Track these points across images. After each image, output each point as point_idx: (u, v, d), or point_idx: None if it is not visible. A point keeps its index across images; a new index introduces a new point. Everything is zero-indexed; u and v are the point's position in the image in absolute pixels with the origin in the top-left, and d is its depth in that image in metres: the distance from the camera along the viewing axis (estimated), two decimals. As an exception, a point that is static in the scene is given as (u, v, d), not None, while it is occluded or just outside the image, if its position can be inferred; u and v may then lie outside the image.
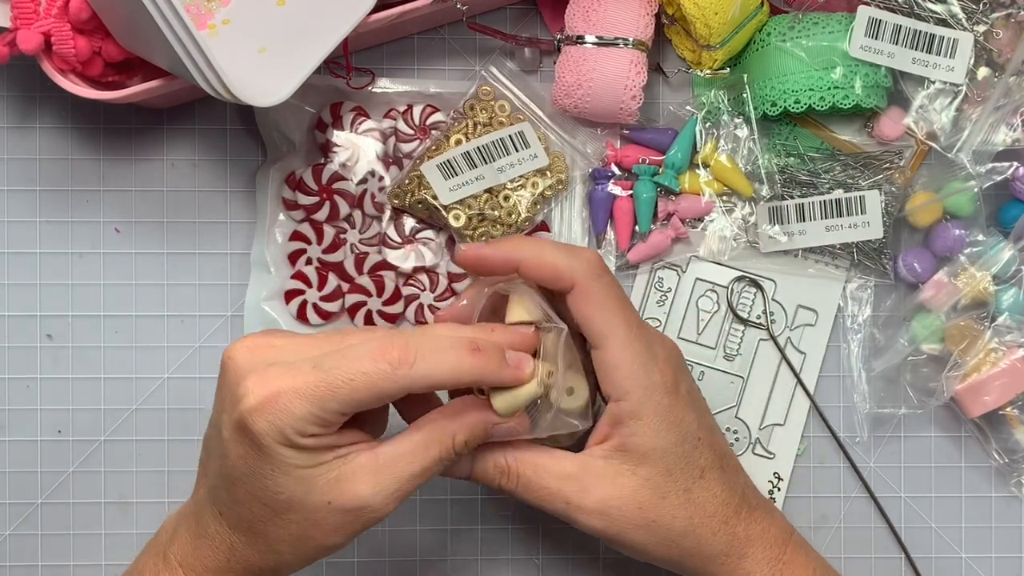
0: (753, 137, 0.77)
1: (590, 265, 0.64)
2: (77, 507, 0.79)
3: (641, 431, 0.64)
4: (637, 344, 0.64)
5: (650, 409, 0.64)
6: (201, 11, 0.74)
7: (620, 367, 0.64)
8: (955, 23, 0.75)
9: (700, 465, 0.65)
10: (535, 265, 0.64)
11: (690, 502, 0.65)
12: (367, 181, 0.78)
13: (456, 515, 0.80)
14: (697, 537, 0.65)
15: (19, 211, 0.79)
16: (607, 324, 0.64)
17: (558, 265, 0.64)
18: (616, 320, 0.64)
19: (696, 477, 0.65)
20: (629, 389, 0.64)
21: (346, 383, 0.58)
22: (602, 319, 0.64)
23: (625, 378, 0.64)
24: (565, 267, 0.64)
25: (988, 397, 0.77)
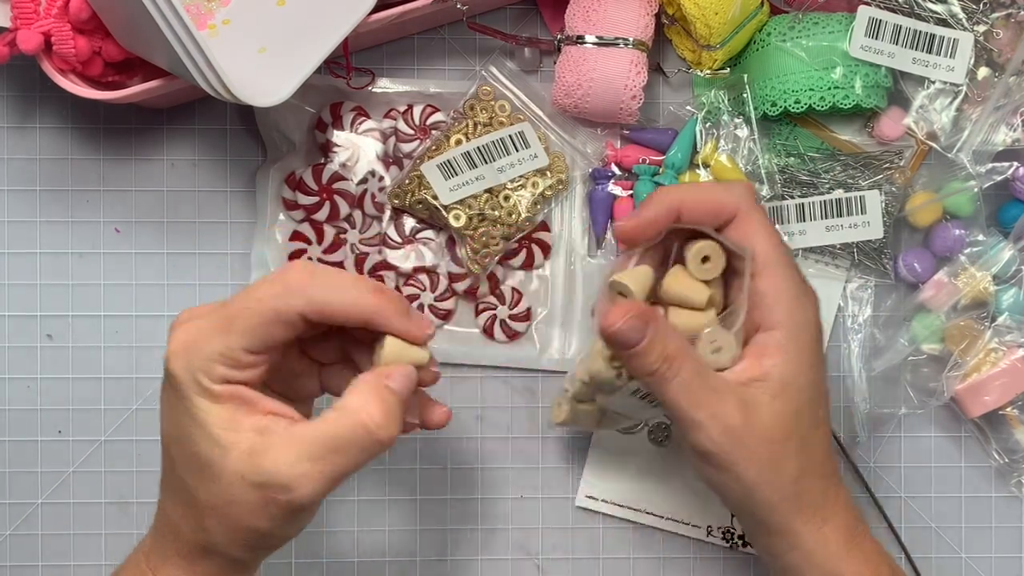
0: (753, 137, 0.77)
1: (749, 193, 0.65)
2: (77, 507, 0.79)
3: (784, 364, 0.63)
4: (796, 278, 0.64)
5: (798, 345, 0.63)
6: (201, 11, 0.74)
7: (779, 295, 0.63)
8: (955, 23, 0.75)
9: (819, 416, 0.64)
10: (697, 203, 0.64)
11: (804, 449, 0.63)
12: (367, 181, 0.78)
13: (456, 515, 0.80)
14: (802, 485, 0.63)
15: (19, 211, 0.79)
16: (769, 252, 0.64)
17: (720, 196, 0.64)
18: (777, 250, 0.64)
19: (814, 426, 0.64)
20: (783, 320, 0.63)
21: (243, 310, 0.58)
22: (764, 246, 0.64)
23: (782, 307, 0.63)
24: (727, 197, 0.64)
25: (988, 397, 0.77)
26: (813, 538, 0.64)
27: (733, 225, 0.64)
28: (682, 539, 0.80)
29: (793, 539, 0.64)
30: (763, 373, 0.63)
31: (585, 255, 0.79)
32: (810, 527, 0.64)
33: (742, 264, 0.64)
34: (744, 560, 0.80)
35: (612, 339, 0.62)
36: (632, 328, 0.61)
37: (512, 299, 0.79)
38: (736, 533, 0.79)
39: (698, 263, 0.64)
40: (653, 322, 0.61)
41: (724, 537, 0.79)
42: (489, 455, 0.80)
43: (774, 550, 0.66)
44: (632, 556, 0.80)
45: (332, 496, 0.79)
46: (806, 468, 0.64)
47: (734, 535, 0.79)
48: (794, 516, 0.64)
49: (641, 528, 0.80)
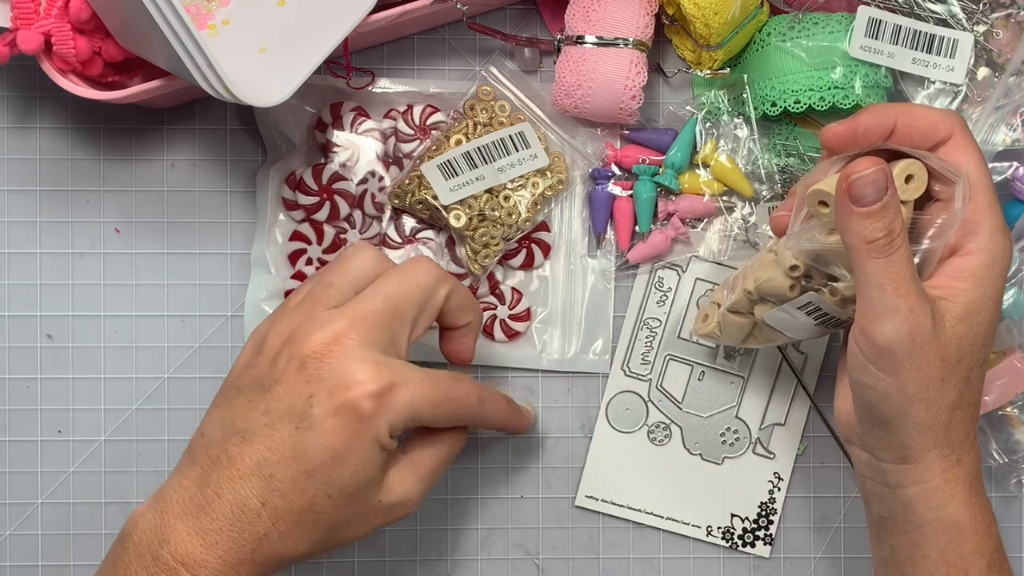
0: (753, 137, 0.77)
1: (961, 119, 0.65)
2: (77, 507, 0.79)
3: (976, 291, 0.62)
4: (1000, 211, 0.64)
5: (992, 275, 0.63)
6: (201, 11, 0.74)
7: (984, 224, 0.63)
8: (955, 23, 0.75)
9: (983, 356, 0.64)
10: (913, 120, 0.64)
11: (967, 381, 0.63)
12: (367, 181, 0.78)
13: (456, 515, 0.80)
14: (954, 415, 0.63)
15: (19, 211, 0.79)
16: (981, 179, 0.63)
17: (934, 115, 0.64)
18: (988, 179, 0.64)
19: (979, 363, 0.64)
20: (984, 247, 0.63)
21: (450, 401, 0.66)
22: (977, 173, 0.63)
23: (984, 237, 0.63)
24: (941, 117, 0.64)
25: (988, 397, 0.77)
26: (943, 476, 0.63)
27: (946, 148, 0.64)
28: (682, 539, 0.80)
29: (924, 471, 0.63)
30: (953, 294, 0.62)
31: (585, 255, 0.79)
32: (946, 462, 0.63)
33: (942, 190, 0.63)
34: (744, 560, 0.80)
35: (852, 190, 0.60)
36: (876, 183, 0.60)
37: (512, 299, 0.79)
38: (736, 533, 0.79)
39: (902, 181, 0.63)
40: (892, 187, 0.61)
41: (724, 537, 0.79)
42: (489, 455, 0.80)
43: (897, 479, 0.64)
44: (631, 556, 0.80)
45: (332, 496, 0.79)
46: (963, 400, 0.63)
47: (734, 535, 0.79)
48: (937, 445, 0.63)
49: (640, 528, 0.80)
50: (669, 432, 0.80)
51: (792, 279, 0.66)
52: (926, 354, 0.61)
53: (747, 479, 0.80)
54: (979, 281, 0.63)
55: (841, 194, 0.61)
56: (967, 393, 0.63)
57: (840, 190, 0.61)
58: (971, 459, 0.64)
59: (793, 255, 0.65)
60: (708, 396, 0.80)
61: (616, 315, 0.79)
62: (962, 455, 0.64)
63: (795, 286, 0.66)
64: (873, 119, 0.64)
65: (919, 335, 0.61)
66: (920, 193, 0.63)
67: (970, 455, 0.64)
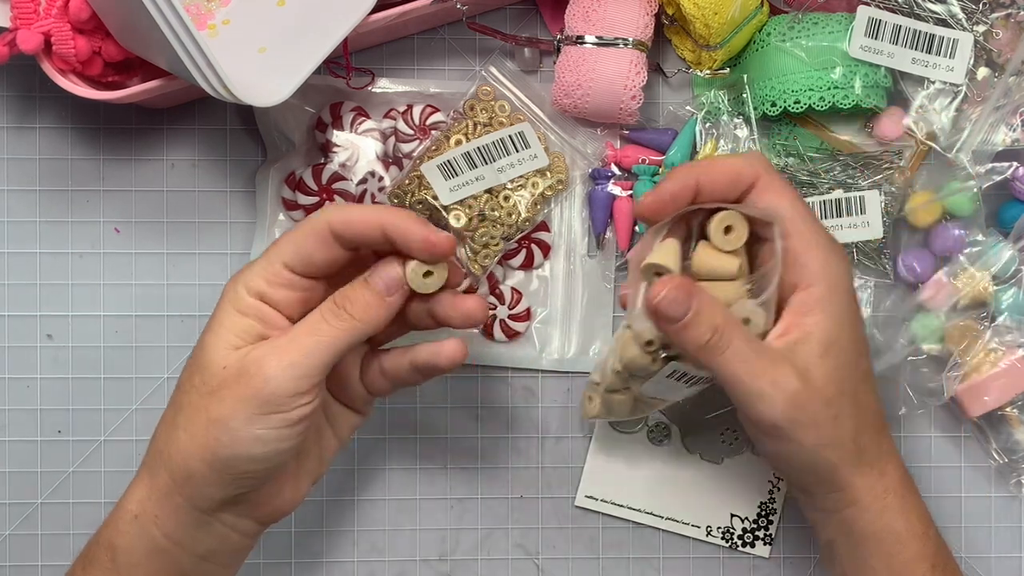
0: (753, 137, 0.77)
1: (764, 159, 0.65)
2: (77, 507, 0.79)
3: (828, 320, 0.62)
4: (825, 234, 0.64)
5: (837, 299, 0.63)
6: (201, 11, 0.74)
7: (812, 252, 0.63)
8: (955, 23, 0.75)
9: (864, 369, 0.64)
10: (715, 175, 0.64)
11: (857, 404, 0.63)
12: (367, 181, 0.78)
13: (456, 515, 0.80)
14: (860, 442, 0.64)
15: (19, 211, 0.79)
16: (795, 211, 0.63)
17: (736, 165, 0.64)
18: (802, 209, 0.64)
19: (859, 381, 0.64)
20: (820, 278, 0.63)
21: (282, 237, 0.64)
22: (790, 206, 0.63)
23: (817, 265, 0.63)
24: (744, 164, 0.64)
25: (988, 397, 0.77)
26: (871, 493, 0.64)
27: (754, 192, 0.64)
28: (682, 539, 0.80)
29: (852, 494, 0.64)
30: (807, 333, 0.62)
31: (585, 255, 0.79)
32: (868, 480, 0.64)
33: (766, 231, 0.63)
34: (744, 560, 0.80)
35: (658, 314, 0.61)
36: (677, 300, 0.61)
37: (512, 299, 0.79)
38: (736, 533, 0.79)
39: (721, 234, 0.63)
40: (697, 293, 0.61)
41: (724, 537, 0.79)
42: (489, 455, 0.80)
43: (831, 506, 0.65)
44: (631, 556, 0.80)
45: (332, 496, 0.79)
46: (861, 423, 0.64)
47: (734, 535, 0.79)
48: (855, 471, 0.64)
49: (640, 528, 0.80)
50: (669, 432, 0.80)
51: (650, 353, 0.65)
52: (808, 409, 0.62)
53: (747, 479, 0.80)
54: (826, 309, 0.63)
55: (653, 316, 0.62)
56: (863, 413, 0.64)
57: (651, 313, 0.62)
58: (893, 467, 0.65)
59: (645, 331, 0.64)
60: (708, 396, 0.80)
61: (616, 315, 0.79)
62: (883, 467, 0.65)
63: (656, 359, 0.65)
64: (675, 184, 0.64)
65: (793, 401, 0.61)
66: (742, 241, 0.64)
67: (891, 463, 0.65)
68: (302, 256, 0.63)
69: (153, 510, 0.63)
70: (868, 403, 0.64)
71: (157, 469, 0.63)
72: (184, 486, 0.62)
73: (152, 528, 0.63)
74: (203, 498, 0.62)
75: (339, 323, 0.62)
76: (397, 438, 0.80)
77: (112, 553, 0.64)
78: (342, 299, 0.63)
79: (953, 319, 0.76)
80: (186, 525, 0.63)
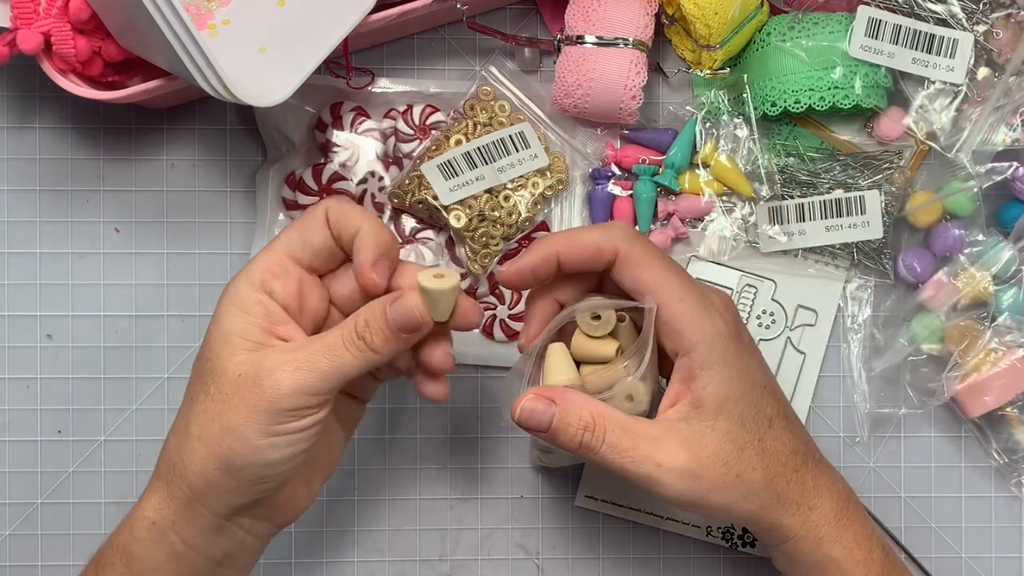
0: (753, 137, 0.77)
1: (625, 232, 0.64)
2: (77, 507, 0.79)
3: (714, 381, 0.63)
4: (694, 295, 0.64)
5: (718, 357, 0.63)
6: (201, 11, 0.74)
7: (682, 318, 0.63)
8: (955, 23, 0.75)
9: (768, 414, 0.64)
10: (573, 250, 0.64)
11: (764, 452, 0.64)
12: (367, 181, 0.78)
13: (456, 515, 0.80)
14: (774, 487, 0.64)
15: (19, 211, 0.79)
16: (659, 280, 0.63)
17: (595, 240, 0.64)
18: (667, 275, 0.64)
19: (766, 427, 0.64)
20: (696, 339, 0.63)
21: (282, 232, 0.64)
22: (653, 277, 0.63)
23: (689, 329, 0.63)
24: (603, 239, 0.64)
25: (988, 397, 0.77)
26: (803, 527, 0.65)
27: (617, 266, 0.64)
28: (682, 539, 0.80)
29: (784, 532, 0.65)
30: (696, 399, 0.63)
31: (585, 255, 0.79)
32: (797, 519, 0.65)
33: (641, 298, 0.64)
34: (744, 560, 0.80)
35: (523, 426, 0.63)
36: (535, 411, 0.62)
37: (512, 299, 0.79)
38: (736, 533, 0.79)
39: (589, 323, 0.64)
40: (559, 398, 0.63)
41: (724, 537, 0.79)
42: (489, 455, 0.80)
43: (771, 542, 0.67)
44: (631, 556, 0.80)
45: (332, 496, 0.79)
46: (773, 470, 0.64)
47: (734, 535, 0.79)
48: (778, 514, 0.65)
49: (640, 528, 0.80)
50: (669, 432, 0.80)
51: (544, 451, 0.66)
52: (706, 478, 0.62)
53: (747, 479, 0.80)
54: (711, 370, 0.63)
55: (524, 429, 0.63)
56: (773, 460, 0.64)
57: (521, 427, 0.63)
58: (824, 500, 0.65)
59: None
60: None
61: (616, 315, 0.79)
62: (812, 503, 0.65)
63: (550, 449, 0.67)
64: (534, 258, 0.64)
65: (685, 475, 0.62)
66: (611, 326, 0.64)
67: (820, 496, 0.65)
68: (302, 238, 0.64)
69: (171, 517, 0.63)
70: (778, 448, 0.64)
71: (173, 478, 0.63)
72: (203, 494, 0.62)
73: (170, 534, 0.63)
74: (222, 504, 0.63)
75: (358, 352, 0.62)
76: (397, 438, 0.80)
77: (128, 559, 0.64)
78: (363, 328, 0.62)
79: (953, 319, 0.76)
80: (204, 531, 0.63)
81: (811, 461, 0.66)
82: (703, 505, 0.63)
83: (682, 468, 0.62)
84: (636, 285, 0.64)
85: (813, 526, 0.65)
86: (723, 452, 0.63)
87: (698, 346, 0.63)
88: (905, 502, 0.80)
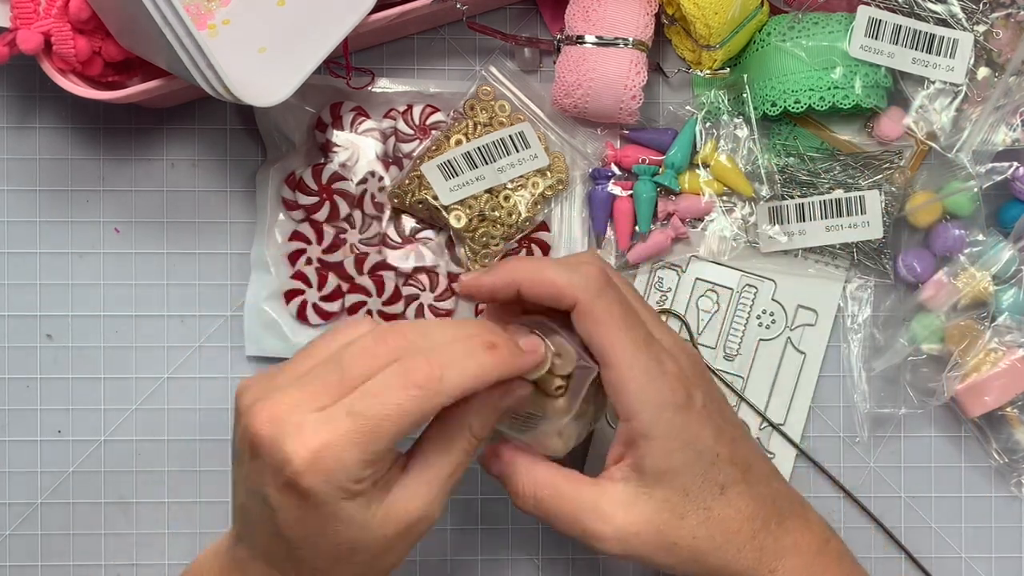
0: (753, 137, 0.77)
1: (590, 281, 0.62)
2: (77, 507, 0.79)
3: (653, 452, 0.62)
4: (644, 361, 0.62)
5: (661, 429, 0.62)
6: (201, 11, 0.74)
7: (627, 386, 0.62)
8: (955, 23, 0.75)
9: (719, 482, 0.63)
10: (534, 285, 0.63)
11: (711, 520, 0.63)
12: (367, 181, 0.78)
13: (456, 515, 0.80)
14: (723, 555, 0.63)
15: (19, 211, 0.79)
16: (611, 343, 0.62)
17: (557, 283, 0.62)
18: (620, 337, 0.62)
19: (716, 495, 0.63)
20: (638, 409, 0.62)
21: (385, 420, 0.56)
22: (606, 338, 0.62)
23: (633, 398, 0.62)
24: (565, 284, 0.62)
25: (988, 397, 0.77)
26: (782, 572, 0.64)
27: (575, 313, 0.62)
28: (682, 539, 0.80)
29: None
30: (636, 464, 0.63)
31: (585, 255, 0.79)
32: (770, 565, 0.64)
33: None
34: (744, 560, 0.80)
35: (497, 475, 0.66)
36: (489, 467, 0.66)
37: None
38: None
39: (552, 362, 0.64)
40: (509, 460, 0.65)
41: (724, 537, 0.79)
42: (489, 455, 0.80)
43: None
44: (632, 556, 0.80)
45: (332, 496, 0.79)
46: (720, 539, 0.63)
47: (734, 535, 0.79)
48: (754, 563, 0.63)
49: (641, 528, 0.80)
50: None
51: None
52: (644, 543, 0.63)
53: (747, 479, 0.80)
54: (653, 440, 0.62)
55: None
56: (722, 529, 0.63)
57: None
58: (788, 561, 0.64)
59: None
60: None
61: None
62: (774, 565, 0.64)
63: None
64: (495, 279, 0.64)
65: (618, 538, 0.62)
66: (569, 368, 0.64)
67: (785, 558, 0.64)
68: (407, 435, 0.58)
69: None
70: (729, 514, 0.63)
71: None
72: None
73: None
74: None
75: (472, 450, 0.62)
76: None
77: None
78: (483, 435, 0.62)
79: (953, 319, 0.76)
80: None
81: (774, 521, 0.64)
82: (646, 564, 0.64)
83: (610, 535, 0.62)
84: (589, 341, 0.62)
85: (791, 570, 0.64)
86: (659, 520, 0.62)
87: (640, 416, 0.62)
88: (905, 502, 0.80)
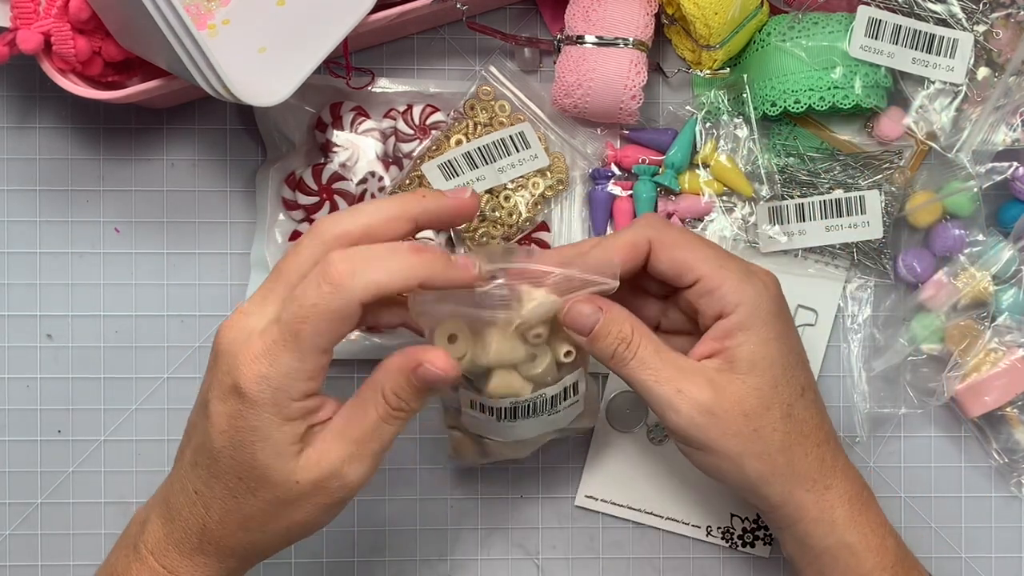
0: (753, 137, 0.77)
1: (653, 220, 0.66)
2: (77, 507, 0.79)
3: (750, 340, 0.64)
4: (735, 262, 0.65)
5: (759, 319, 0.64)
6: (201, 11, 0.74)
7: (724, 283, 0.64)
8: (955, 23, 0.75)
9: (801, 383, 0.65)
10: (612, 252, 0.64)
11: (791, 418, 0.64)
12: (367, 181, 0.78)
13: (456, 515, 0.80)
14: (791, 454, 0.64)
15: (19, 211, 0.79)
16: (697, 255, 0.65)
17: (629, 240, 0.65)
18: (704, 249, 0.65)
19: (797, 395, 0.65)
20: (737, 301, 0.64)
21: (304, 321, 0.57)
22: (691, 253, 0.65)
23: (731, 292, 0.64)
24: (636, 237, 0.65)
25: (988, 397, 0.77)
26: (817, 506, 0.65)
27: (653, 253, 0.65)
28: (681, 539, 0.80)
29: (796, 509, 0.65)
30: (731, 356, 0.64)
31: (585, 255, 0.79)
32: (812, 495, 0.64)
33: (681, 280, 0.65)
34: (744, 560, 0.80)
35: (570, 325, 0.63)
36: (580, 315, 0.63)
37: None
38: (736, 533, 0.79)
39: None
40: (606, 307, 0.63)
41: (724, 537, 0.79)
42: (489, 455, 0.80)
43: (781, 523, 0.66)
44: (631, 556, 0.80)
45: (332, 496, 0.79)
46: (794, 437, 0.64)
47: (734, 535, 0.79)
48: (792, 486, 0.64)
49: (640, 528, 0.80)
50: (669, 432, 0.80)
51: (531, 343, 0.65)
52: (723, 420, 0.63)
53: (747, 479, 0.80)
54: (749, 330, 0.64)
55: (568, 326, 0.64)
56: (797, 428, 0.64)
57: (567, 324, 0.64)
58: (840, 482, 0.65)
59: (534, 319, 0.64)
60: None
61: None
62: (828, 482, 0.65)
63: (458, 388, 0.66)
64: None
65: (702, 409, 0.63)
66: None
67: (837, 478, 0.65)
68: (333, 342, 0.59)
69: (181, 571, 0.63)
70: (805, 417, 0.65)
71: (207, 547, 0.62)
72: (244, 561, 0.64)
73: None
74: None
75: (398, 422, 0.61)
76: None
77: None
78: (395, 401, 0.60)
79: (953, 319, 0.76)
80: None
81: (833, 440, 0.66)
82: (715, 449, 0.63)
83: (701, 401, 0.63)
84: (674, 265, 0.65)
85: (828, 506, 0.65)
86: (747, 403, 0.63)
87: (739, 308, 0.64)
88: (905, 502, 0.80)
